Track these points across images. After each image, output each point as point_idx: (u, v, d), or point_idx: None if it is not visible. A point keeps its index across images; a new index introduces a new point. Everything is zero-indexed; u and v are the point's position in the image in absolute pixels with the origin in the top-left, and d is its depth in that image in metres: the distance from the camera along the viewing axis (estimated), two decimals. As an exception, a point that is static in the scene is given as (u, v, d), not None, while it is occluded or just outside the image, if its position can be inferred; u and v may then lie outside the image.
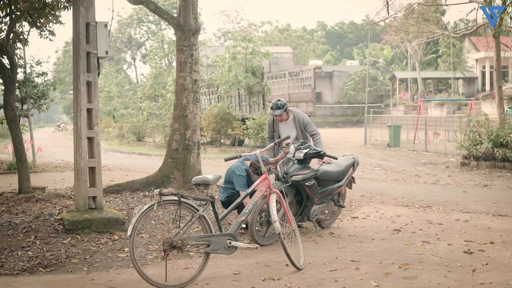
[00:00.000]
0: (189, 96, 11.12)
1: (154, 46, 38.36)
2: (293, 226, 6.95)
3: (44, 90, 18.35)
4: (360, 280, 6.10)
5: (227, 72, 29.66)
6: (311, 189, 8.08)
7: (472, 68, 52.64)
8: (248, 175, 8.38)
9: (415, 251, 7.36)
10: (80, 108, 8.36)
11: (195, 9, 11.29)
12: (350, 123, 53.48)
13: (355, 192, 12.28)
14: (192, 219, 6.20)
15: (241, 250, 7.40)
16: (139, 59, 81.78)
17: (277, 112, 9.00)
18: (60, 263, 7.04)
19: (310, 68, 36.97)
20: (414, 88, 54.66)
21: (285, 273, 6.45)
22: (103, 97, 51.13)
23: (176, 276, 6.16)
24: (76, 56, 8.43)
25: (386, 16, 26.52)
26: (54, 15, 11.98)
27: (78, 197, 8.44)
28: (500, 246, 7.55)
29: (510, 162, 16.71)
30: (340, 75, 60.19)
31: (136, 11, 74.75)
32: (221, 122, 27.90)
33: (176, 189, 10.42)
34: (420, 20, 40.76)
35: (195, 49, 11.23)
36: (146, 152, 31.21)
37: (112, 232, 8.21)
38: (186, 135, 11.05)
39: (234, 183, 8.37)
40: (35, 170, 17.67)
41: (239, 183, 8.29)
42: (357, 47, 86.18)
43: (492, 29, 20.97)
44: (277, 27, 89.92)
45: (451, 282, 5.95)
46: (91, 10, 8.44)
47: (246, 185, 8.27)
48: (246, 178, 8.34)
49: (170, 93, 31.79)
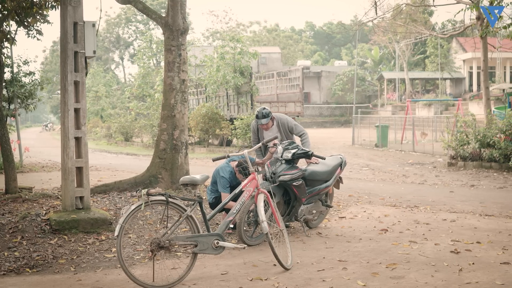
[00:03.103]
0: (177, 96, 11.10)
1: (142, 46, 38.23)
2: (280, 226, 6.96)
3: (31, 89, 18.26)
4: (347, 280, 6.12)
5: (215, 72, 29.65)
6: (299, 189, 8.09)
7: (459, 69, 52.89)
8: (232, 177, 8.39)
9: (402, 251, 7.39)
10: (67, 108, 8.33)
11: (183, 9, 11.28)
12: (338, 123, 53.56)
13: (343, 192, 12.30)
14: (179, 219, 6.20)
15: (229, 250, 7.40)
16: (127, 59, 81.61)
17: (263, 121, 8.97)
18: (47, 264, 7.01)
19: (298, 68, 36.99)
20: (402, 89, 54.86)
21: (272, 273, 6.46)
22: (90, 97, 50.95)
23: (163, 277, 6.15)
24: (63, 55, 8.40)
25: (374, 17, 26.59)
26: (41, 14, 11.93)
27: (65, 197, 8.41)
28: (487, 246, 7.58)
29: (497, 162, 16.81)
30: (328, 75, 60.27)
31: (124, 11, 74.56)
32: (209, 122, 27.87)
33: (163, 189, 10.40)
34: (408, 20, 40.95)
35: (183, 49, 11.22)
36: (133, 152, 31.15)
37: (100, 233, 8.18)
38: (174, 135, 11.03)
39: (217, 184, 8.38)
40: (22, 170, 17.58)
41: (222, 184, 8.30)
42: (345, 48, 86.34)
43: (479, 30, 21.09)
44: (265, 27, 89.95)
45: (438, 282, 5.97)
46: (79, 9, 8.41)
47: (228, 187, 8.28)
48: (229, 180, 8.34)
49: (158, 93, 31.73)
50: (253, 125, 9.43)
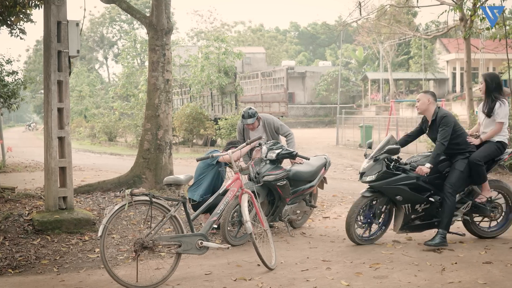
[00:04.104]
0: (161, 96, 11.08)
1: (126, 46, 38.11)
2: (264, 226, 6.96)
3: (14, 89, 18.09)
4: (331, 280, 6.14)
5: (199, 72, 29.61)
6: (283, 189, 8.10)
7: (443, 70, 53.20)
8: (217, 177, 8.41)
9: (386, 251, 7.42)
10: (50, 107, 8.29)
11: (167, 8, 11.26)
12: (322, 123, 53.62)
13: (327, 192, 12.32)
14: (163, 219, 6.19)
15: (213, 250, 7.39)
16: (111, 59, 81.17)
17: (249, 121, 9.00)
18: (29, 264, 6.97)
19: (283, 69, 37.13)
20: (386, 89, 55.07)
21: (256, 273, 6.46)
22: (74, 97, 50.64)
23: (147, 277, 6.14)
24: (47, 55, 8.36)
25: (359, 17, 26.75)
26: (25, 13, 11.83)
27: (48, 197, 8.37)
28: (469, 246, 7.64)
29: (480, 163, 16.88)
30: (313, 76, 60.33)
31: (108, 10, 74.16)
32: (193, 122, 27.82)
33: (147, 189, 10.37)
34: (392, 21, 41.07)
35: (168, 48, 11.20)
36: (117, 152, 31.04)
37: (83, 233, 8.15)
38: (158, 135, 11.01)
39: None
40: (5, 170, 17.47)
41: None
42: (329, 48, 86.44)
43: (463, 31, 21.23)
44: (250, 27, 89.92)
45: (421, 281, 6.01)
46: (62, 8, 8.38)
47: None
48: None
49: (142, 92, 31.62)
50: (239, 125, 9.45)
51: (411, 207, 7.66)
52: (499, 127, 7.70)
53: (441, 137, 7.50)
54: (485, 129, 7.87)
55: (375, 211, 7.78)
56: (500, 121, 7.68)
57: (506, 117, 7.77)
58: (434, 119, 7.68)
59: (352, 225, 7.61)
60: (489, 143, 7.75)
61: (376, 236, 7.92)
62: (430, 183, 7.68)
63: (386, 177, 7.59)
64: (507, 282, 5.93)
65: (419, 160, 7.87)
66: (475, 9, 18.82)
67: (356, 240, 7.72)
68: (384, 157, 7.67)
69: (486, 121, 7.85)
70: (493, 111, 7.70)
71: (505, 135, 7.84)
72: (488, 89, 7.84)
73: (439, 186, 7.67)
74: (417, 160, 7.89)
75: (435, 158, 7.53)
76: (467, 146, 7.67)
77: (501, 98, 7.75)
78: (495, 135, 7.74)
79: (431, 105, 7.72)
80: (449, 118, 7.59)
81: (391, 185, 7.57)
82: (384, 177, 7.59)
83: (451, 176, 7.58)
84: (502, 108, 7.69)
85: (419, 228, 7.89)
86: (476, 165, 7.55)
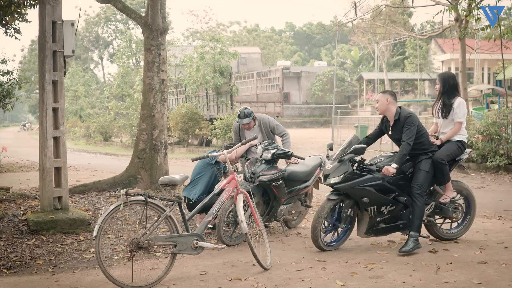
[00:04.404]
0: (157, 96, 11.07)
1: (121, 46, 38.09)
2: (260, 226, 6.96)
3: (9, 89, 18.06)
4: (326, 280, 6.14)
5: (195, 72, 29.61)
6: (278, 189, 8.10)
7: (438, 70, 53.21)
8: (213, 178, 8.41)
9: (381, 251, 7.43)
10: (46, 107, 8.28)
11: (163, 8, 11.25)
12: (317, 123, 53.63)
13: (322, 192, 12.31)
14: (158, 219, 6.18)
15: (208, 250, 7.39)
16: (106, 58, 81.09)
17: (245, 120, 9.01)
18: (24, 265, 6.96)
19: (278, 69, 37.09)
20: (381, 89, 55.06)
21: (252, 273, 6.46)
22: (69, 97, 50.59)
23: (142, 277, 6.13)
24: (42, 54, 8.34)
25: (354, 18, 26.71)
26: (20, 13, 11.83)
27: (43, 197, 8.35)
28: (464, 245, 7.66)
29: (475, 163, 16.95)
30: (308, 76, 60.33)
31: (103, 10, 74.08)
32: (188, 122, 27.82)
33: (143, 189, 10.36)
34: (387, 21, 41.13)
35: (163, 48, 11.19)
36: (113, 152, 31.02)
37: (78, 233, 8.14)
38: (153, 135, 11.00)
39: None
40: (0, 170, 17.42)
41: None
42: (325, 48, 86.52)
43: (458, 31, 21.27)
44: (245, 27, 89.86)
45: (416, 281, 6.02)
46: (57, 8, 8.36)
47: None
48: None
49: (137, 92, 31.60)
50: (234, 125, 9.45)
51: (377, 209, 7.42)
52: (458, 127, 7.65)
53: (406, 137, 7.33)
54: (444, 130, 7.80)
55: (341, 214, 7.50)
56: (459, 121, 7.62)
57: (465, 116, 7.72)
58: (397, 119, 7.52)
59: (319, 231, 7.33)
60: (450, 143, 7.68)
61: (340, 242, 7.63)
62: (394, 184, 7.47)
63: (352, 178, 7.30)
64: (502, 282, 5.94)
65: (382, 160, 7.67)
66: (470, 10, 18.86)
67: (323, 246, 7.43)
68: (350, 157, 7.40)
69: (444, 121, 7.78)
70: (451, 111, 7.64)
71: (465, 134, 7.80)
72: (444, 89, 7.75)
73: (403, 187, 7.51)
74: (381, 160, 7.68)
75: (402, 159, 7.34)
76: (430, 146, 7.56)
77: (457, 97, 7.71)
78: (455, 135, 7.69)
79: (390, 105, 7.55)
80: (413, 118, 7.46)
81: (358, 187, 7.29)
82: (350, 179, 7.30)
83: (417, 177, 7.43)
84: (460, 108, 7.63)
85: (384, 231, 7.65)
86: (441, 164, 7.46)
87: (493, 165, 16.10)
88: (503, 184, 14.38)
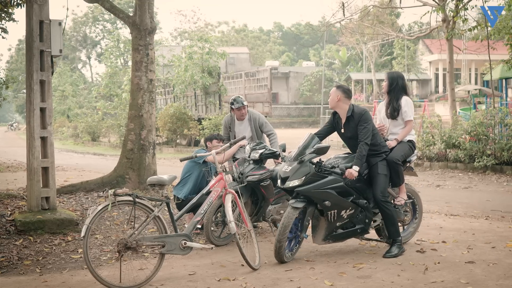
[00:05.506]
0: (145, 96, 11.05)
1: (109, 45, 37.96)
2: (248, 227, 6.96)
3: (-4, 88, 18.01)
4: (315, 280, 6.15)
5: (183, 72, 29.55)
6: (267, 189, 8.09)
7: (425, 70, 53.53)
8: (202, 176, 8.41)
9: (369, 251, 7.45)
10: (33, 107, 8.24)
11: (151, 8, 11.23)
12: (306, 123, 53.68)
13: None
14: (147, 219, 6.17)
15: (197, 250, 7.38)
16: (94, 58, 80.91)
17: (237, 105, 9.04)
18: (12, 265, 6.92)
19: (267, 69, 37.04)
20: (369, 90, 55.29)
21: (240, 273, 6.46)
22: (57, 96, 50.42)
23: (130, 277, 6.12)
24: (29, 54, 8.30)
25: (342, 18, 26.84)
26: (6, 12, 11.76)
27: (31, 197, 8.31)
28: (452, 245, 7.68)
29: (462, 163, 17.03)
30: (296, 76, 60.43)
31: (91, 10, 73.89)
32: (177, 122, 27.77)
33: (131, 189, 10.33)
34: (375, 22, 41.30)
35: (151, 48, 11.17)
36: (101, 152, 30.91)
37: (66, 233, 8.11)
38: (142, 135, 10.98)
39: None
40: (-13, 170, 17.34)
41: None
42: (313, 48, 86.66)
43: (445, 32, 21.37)
44: (233, 27, 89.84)
45: (404, 281, 6.03)
46: (45, 7, 8.32)
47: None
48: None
49: (125, 92, 31.52)
50: (225, 119, 9.46)
51: (337, 213, 6.91)
52: (410, 126, 7.54)
53: (364, 136, 7.01)
54: (393, 129, 7.66)
55: (304, 223, 6.98)
56: (410, 119, 7.51)
57: (413, 114, 7.60)
58: (351, 115, 7.20)
59: (284, 243, 6.75)
60: (402, 143, 7.52)
61: (295, 251, 7.07)
62: (351, 187, 7.01)
63: (314, 180, 6.79)
64: (489, 282, 5.97)
65: (339, 161, 7.26)
66: (458, 10, 18.96)
67: (285, 259, 6.86)
68: (310, 158, 6.93)
69: (392, 122, 7.63)
70: (400, 111, 7.49)
71: (413, 134, 7.68)
72: (391, 88, 7.59)
73: (360, 190, 7.15)
74: (338, 162, 7.26)
75: (361, 160, 6.95)
76: (382, 147, 7.29)
77: (405, 96, 7.57)
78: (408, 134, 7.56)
79: (340, 102, 7.23)
80: (368, 115, 7.19)
81: (320, 189, 6.77)
82: (312, 181, 6.78)
83: (378, 182, 7.10)
84: (408, 106, 7.51)
85: (342, 237, 7.19)
86: (396, 165, 7.22)
87: (481, 165, 16.17)
88: (490, 184, 14.44)
